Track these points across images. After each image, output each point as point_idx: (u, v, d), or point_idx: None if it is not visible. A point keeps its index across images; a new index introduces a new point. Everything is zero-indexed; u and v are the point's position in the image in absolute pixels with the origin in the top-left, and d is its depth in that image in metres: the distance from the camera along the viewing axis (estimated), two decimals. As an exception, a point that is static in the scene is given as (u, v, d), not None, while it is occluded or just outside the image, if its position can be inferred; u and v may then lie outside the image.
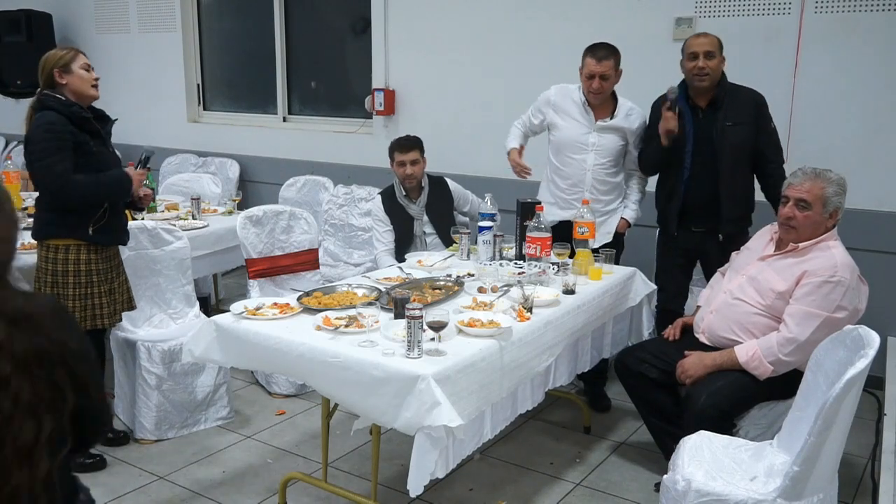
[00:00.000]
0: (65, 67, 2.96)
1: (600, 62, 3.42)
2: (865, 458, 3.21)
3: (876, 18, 3.73)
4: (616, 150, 3.58)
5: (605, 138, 3.55)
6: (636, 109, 3.59)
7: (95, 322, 3.06)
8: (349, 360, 2.29)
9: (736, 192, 3.34)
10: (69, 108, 2.91)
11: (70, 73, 2.96)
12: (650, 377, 2.96)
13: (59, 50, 3.03)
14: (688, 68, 3.31)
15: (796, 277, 2.67)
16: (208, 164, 6.10)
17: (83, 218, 2.98)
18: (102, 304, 3.08)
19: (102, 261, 3.08)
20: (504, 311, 2.65)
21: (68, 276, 3.00)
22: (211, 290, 4.90)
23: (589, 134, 3.55)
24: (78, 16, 6.85)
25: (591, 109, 3.55)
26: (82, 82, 2.99)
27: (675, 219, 3.43)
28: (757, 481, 2.15)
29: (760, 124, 3.34)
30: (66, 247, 2.99)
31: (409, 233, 3.90)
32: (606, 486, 3.03)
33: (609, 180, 3.60)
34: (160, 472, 3.10)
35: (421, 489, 2.15)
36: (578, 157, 3.57)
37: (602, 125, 3.54)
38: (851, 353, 2.07)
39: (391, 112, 5.29)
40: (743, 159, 3.33)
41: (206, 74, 6.52)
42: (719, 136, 3.29)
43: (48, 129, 2.84)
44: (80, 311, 3.02)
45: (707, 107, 3.35)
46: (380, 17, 5.25)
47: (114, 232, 3.11)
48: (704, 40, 3.30)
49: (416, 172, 3.82)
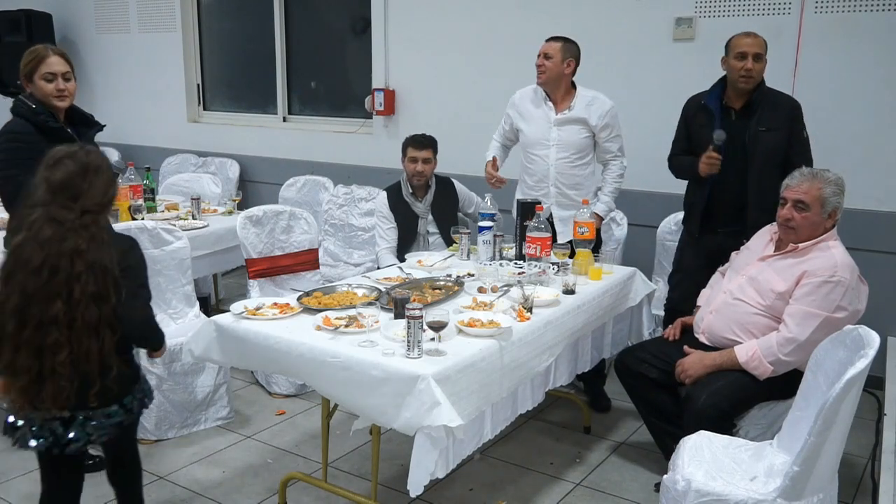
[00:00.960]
0: (28, 76, 2.83)
1: (547, 42, 3.50)
2: (865, 458, 3.21)
3: (876, 18, 3.73)
4: (579, 143, 3.58)
5: (566, 131, 3.57)
6: (599, 98, 3.57)
7: None
8: (349, 360, 2.29)
9: (764, 199, 3.17)
10: (36, 116, 2.79)
11: (32, 83, 2.84)
12: (650, 377, 2.96)
13: (29, 53, 2.85)
14: (734, 68, 3.18)
15: (796, 278, 2.67)
16: (208, 164, 6.10)
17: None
18: None
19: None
20: (504, 311, 2.65)
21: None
22: (211, 290, 4.90)
23: (550, 129, 3.58)
24: (78, 16, 6.85)
25: (551, 103, 3.57)
26: (44, 94, 2.84)
27: (698, 220, 3.37)
28: (757, 481, 2.15)
29: (794, 131, 3.24)
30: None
31: (412, 231, 3.92)
32: (606, 486, 3.03)
33: (574, 173, 3.61)
34: (160, 472, 3.10)
35: (421, 489, 2.15)
36: (542, 153, 3.61)
37: (562, 118, 3.56)
38: (851, 353, 2.07)
39: (391, 112, 5.30)
40: (773, 166, 3.19)
41: (206, 74, 6.52)
42: (752, 141, 3.19)
43: (10, 140, 2.76)
44: None
45: (741, 109, 3.25)
46: (380, 17, 5.25)
47: None
48: (754, 41, 3.17)
49: (426, 171, 3.85)
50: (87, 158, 2.06)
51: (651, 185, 3.59)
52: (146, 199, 4.33)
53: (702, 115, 3.34)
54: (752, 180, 3.22)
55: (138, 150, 6.49)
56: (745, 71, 3.16)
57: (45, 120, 2.79)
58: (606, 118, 3.56)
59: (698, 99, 3.39)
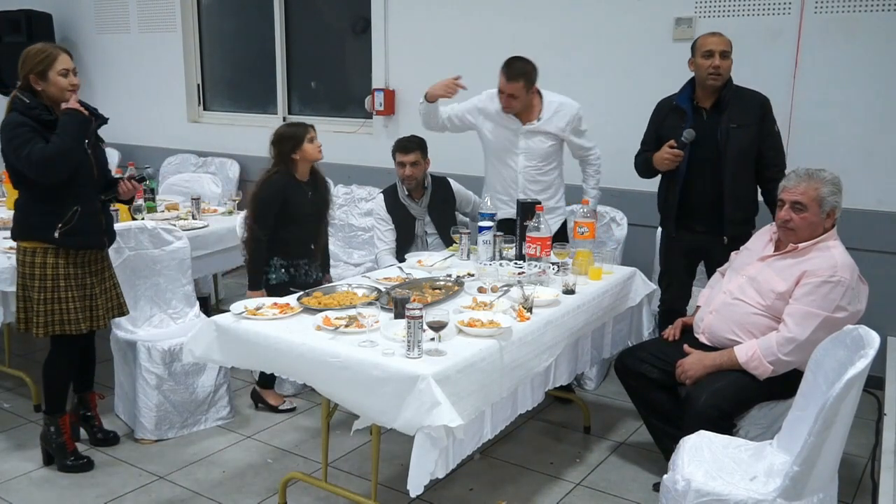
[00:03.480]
0: (41, 74, 2.83)
1: (509, 82, 3.47)
2: (865, 458, 3.21)
3: (876, 18, 3.73)
4: (545, 151, 3.60)
5: (534, 140, 3.58)
6: (566, 104, 3.58)
7: (64, 328, 2.95)
8: (349, 360, 2.29)
9: (739, 195, 3.31)
10: (31, 110, 2.80)
11: (46, 81, 2.83)
12: (650, 377, 2.96)
13: (39, 52, 2.84)
14: (702, 66, 3.24)
15: (796, 278, 2.67)
16: (208, 164, 6.11)
17: (50, 219, 2.86)
18: (74, 308, 2.95)
19: (75, 265, 2.95)
20: (504, 311, 2.65)
21: (34, 280, 2.90)
22: (211, 290, 4.90)
23: (517, 139, 3.59)
24: (78, 16, 6.85)
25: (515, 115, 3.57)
26: (58, 90, 2.84)
27: (672, 219, 3.42)
28: (757, 481, 2.15)
29: (764, 127, 3.30)
30: (34, 250, 2.89)
31: (410, 232, 3.91)
32: (606, 486, 3.03)
33: (541, 179, 3.64)
34: (160, 472, 3.10)
35: (421, 489, 2.15)
36: (509, 160, 3.64)
37: (530, 128, 3.56)
38: (851, 353, 2.07)
39: (391, 112, 5.30)
40: (747, 162, 3.30)
41: (206, 74, 6.53)
42: (723, 138, 3.25)
43: (15, 126, 2.77)
44: (45, 316, 2.92)
45: (711, 108, 3.31)
46: (380, 17, 5.25)
47: (84, 234, 2.94)
48: (720, 39, 3.24)
49: (415, 174, 3.82)
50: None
51: (651, 185, 3.59)
52: (146, 199, 4.33)
53: (674, 115, 3.38)
54: (726, 177, 3.28)
55: (138, 150, 6.50)
56: (714, 69, 3.21)
57: (40, 113, 2.82)
58: (573, 122, 3.58)
59: (669, 100, 3.42)
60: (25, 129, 2.77)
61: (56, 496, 2.93)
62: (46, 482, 3.02)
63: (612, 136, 4.13)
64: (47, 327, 2.94)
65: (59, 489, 2.97)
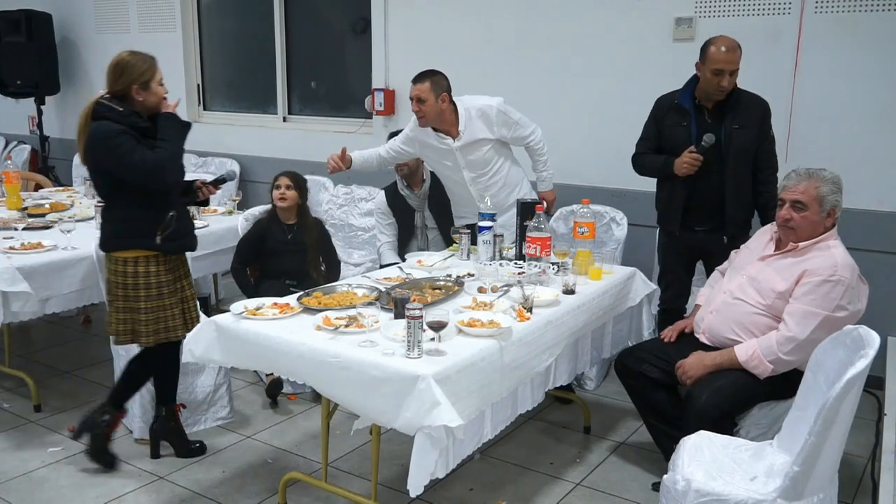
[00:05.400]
0: (145, 85, 2.85)
1: (414, 84, 3.49)
2: (865, 458, 3.21)
3: (876, 18, 3.73)
4: (485, 157, 3.61)
5: (470, 152, 3.58)
6: (482, 107, 3.54)
7: (169, 335, 2.99)
8: (349, 360, 2.29)
9: (740, 194, 3.32)
10: (127, 118, 2.80)
11: (148, 91, 2.86)
12: (650, 377, 2.95)
13: (141, 63, 2.87)
14: (710, 82, 3.20)
15: (796, 277, 2.66)
16: (208, 164, 6.10)
17: (151, 226, 2.88)
18: (175, 314, 3.00)
19: (169, 271, 2.98)
20: (504, 311, 2.65)
21: (139, 290, 2.91)
22: (211, 290, 4.90)
23: (455, 156, 3.59)
24: (78, 16, 6.85)
25: (443, 134, 3.56)
26: (158, 100, 2.89)
27: (678, 218, 3.41)
28: (757, 481, 2.15)
29: (764, 129, 3.33)
30: (135, 259, 2.89)
31: (410, 224, 3.98)
32: (606, 486, 3.03)
33: (494, 181, 3.66)
34: (160, 473, 3.10)
35: (421, 489, 2.15)
36: (455, 177, 3.67)
37: (460, 144, 3.55)
38: (851, 353, 2.07)
39: (391, 112, 5.30)
40: (747, 162, 3.31)
41: (206, 74, 6.52)
42: (727, 138, 3.25)
43: (117, 135, 2.75)
44: (153, 325, 2.94)
45: (714, 108, 3.31)
46: (380, 18, 5.25)
47: (182, 238, 3.00)
48: (731, 56, 3.17)
49: (409, 162, 3.92)
50: None
51: (651, 185, 3.59)
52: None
53: (674, 113, 3.38)
54: (729, 177, 3.29)
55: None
56: (721, 87, 3.21)
57: (136, 121, 2.82)
58: (499, 120, 3.56)
59: (671, 98, 3.42)
60: (127, 136, 2.76)
61: (56, 496, 2.93)
62: (46, 482, 3.02)
63: (611, 136, 4.13)
64: (157, 335, 2.97)
65: (59, 489, 2.97)
